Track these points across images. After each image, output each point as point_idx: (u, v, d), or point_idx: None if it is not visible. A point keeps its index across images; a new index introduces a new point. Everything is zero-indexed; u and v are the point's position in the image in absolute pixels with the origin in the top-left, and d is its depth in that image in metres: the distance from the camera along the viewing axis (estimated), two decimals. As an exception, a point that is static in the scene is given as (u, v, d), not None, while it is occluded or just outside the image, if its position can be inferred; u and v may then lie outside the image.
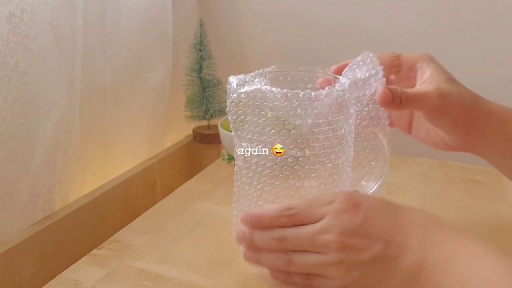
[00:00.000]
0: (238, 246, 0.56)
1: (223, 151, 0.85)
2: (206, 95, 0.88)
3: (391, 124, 0.56)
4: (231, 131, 0.77)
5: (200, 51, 0.87)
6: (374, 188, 0.53)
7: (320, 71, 0.54)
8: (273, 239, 0.43)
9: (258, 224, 0.45)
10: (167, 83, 0.84)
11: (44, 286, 0.50)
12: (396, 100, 0.45)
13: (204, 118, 0.89)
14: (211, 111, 0.89)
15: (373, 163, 0.54)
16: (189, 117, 0.90)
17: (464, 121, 0.48)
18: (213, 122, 0.91)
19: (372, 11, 0.91)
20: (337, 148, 0.47)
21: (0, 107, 0.52)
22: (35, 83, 0.55)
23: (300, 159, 0.46)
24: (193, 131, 0.91)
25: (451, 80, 0.49)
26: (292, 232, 0.43)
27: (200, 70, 0.88)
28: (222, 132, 0.78)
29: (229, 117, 0.49)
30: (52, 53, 0.57)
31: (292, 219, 0.43)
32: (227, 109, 0.48)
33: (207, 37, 0.87)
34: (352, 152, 0.51)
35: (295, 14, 0.96)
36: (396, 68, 0.53)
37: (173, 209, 0.66)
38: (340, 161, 0.48)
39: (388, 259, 0.40)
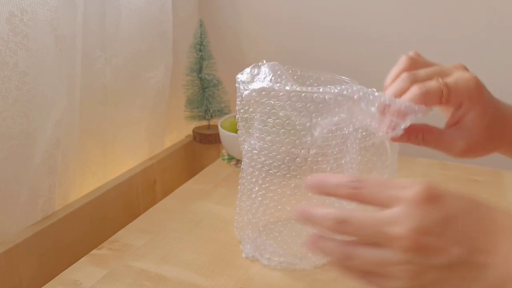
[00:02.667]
0: (238, 246, 0.56)
1: (223, 151, 0.85)
2: (206, 95, 0.88)
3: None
4: (231, 131, 0.77)
5: (200, 51, 0.87)
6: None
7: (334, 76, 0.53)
8: (334, 218, 0.36)
9: (318, 187, 0.38)
10: (167, 83, 0.84)
11: (44, 286, 0.50)
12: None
13: (204, 118, 0.89)
14: (211, 111, 0.89)
15: (374, 172, 0.53)
16: (189, 117, 0.90)
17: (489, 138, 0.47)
18: (213, 122, 0.91)
19: (371, 13, 0.91)
20: (343, 148, 0.47)
21: (0, 107, 0.52)
22: (35, 83, 0.55)
23: (309, 159, 0.46)
24: (193, 131, 0.91)
25: (489, 127, 0.47)
26: (358, 216, 0.35)
27: (200, 70, 0.88)
28: (222, 132, 0.78)
29: (238, 114, 0.48)
30: (52, 53, 0.57)
31: (356, 193, 0.36)
32: (237, 107, 0.48)
33: (207, 37, 0.87)
34: (356, 154, 0.50)
35: (295, 15, 0.96)
36: (444, 101, 0.46)
37: (173, 209, 0.66)
38: (343, 161, 0.48)
39: (472, 267, 0.34)
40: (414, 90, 0.45)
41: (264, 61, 0.47)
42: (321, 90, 0.45)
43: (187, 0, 0.95)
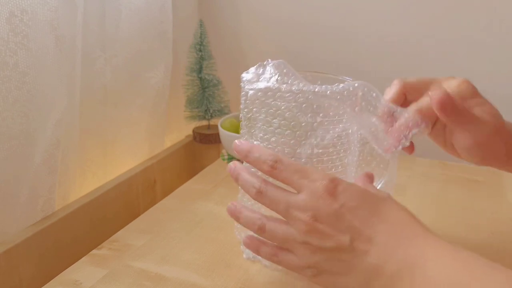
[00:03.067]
0: (238, 246, 0.56)
1: (223, 151, 0.85)
2: (206, 95, 0.88)
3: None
4: (231, 131, 0.77)
5: (200, 51, 0.87)
6: (378, 187, 0.53)
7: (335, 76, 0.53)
8: (254, 187, 0.44)
9: (243, 154, 0.46)
10: (167, 83, 0.84)
11: (44, 286, 0.50)
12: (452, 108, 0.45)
13: (204, 118, 0.89)
14: (211, 111, 0.89)
15: (374, 163, 0.53)
16: (189, 117, 0.90)
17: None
18: (213, 122, 0.91)
19: (371, 13, 0.91)
20: (345, 146, 0.47)
21: (0, 107, 0.52)
22: (35, 83, 0.55)
23: (314, 160, 0.46)
24: (193, 131, 0.91)
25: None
26: (273, 190, 0.43)
27: (200, 70, 0.88)
28: (222, 132, 0.78)
29: (241, 114, 0.48)
30: (52, 53, 0.57)
31: (274, 172, 0.43)
32: (241, 105, 0.48)
33: (207, 37, 0.87)
34: (357, 154, 0.50)
35: (295, 15, 0.96)
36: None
37: (173, 209, 0.66)
38: (346, 160, 0.48)
39: (354, 253, 0.40)
40: (412, 105, 0.48)
41: (270, 60, 0.47)
42: (326, 89, 0.45)
43: (187, 0, 0.95)
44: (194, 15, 0.99)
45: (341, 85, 0.45)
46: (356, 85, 0.46)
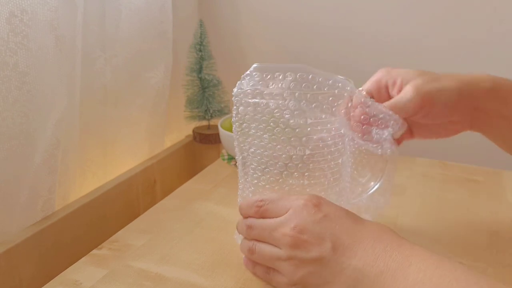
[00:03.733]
0: (238, 246, 0.56)
1: (223, 151, 0.85)
2: (206, 95, 0.88)
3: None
4: (231, 131, 0.77)
5: (200, 51, 0.87)
6: (375, 187, 0.53)
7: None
8: (245, 225, 0.48)
9: (240, 211, 0.49)
10: (167, 83, 0.84)
11: (44, 286, 0.50)
12: None
13: (204, 118, 0.89)
14: (211, 111, 0.89)
15: (370, 175, 0.54)
16: (189, 117, 0.90)
17: (453, 109, 0.50)
18: (213, 122, 0.91)
19: (371, 13, 0.91)
20: (339, 147, 0.47)
21: (0, 107, 0.52)
22: (35, 83, 0.55)
23: (304, 157, 0.46)
24: (193, 131, 0.91)
25: (420, 74, 0.51)
26: (259, 222, 0.46)
27: (200, 70, 0.88)
28: (222, 132, 0.78)
29: (233, 114, 0.49)
30: (52, 53, 0.57)
31: (260, 210, 0.46)
32: (234, 106, 0.49)
33: (207, 37, 0.87)
34: (351, 155, 0.51)
35: (295, 15, 0.96)
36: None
37: (173, 209, 0.66)
38: (340, 161, 0.48)
39: (336, 261, 0.41)
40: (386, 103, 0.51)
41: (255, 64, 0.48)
42: (314, 87, 0.45)
43: (187, 0, 0.95)
44: (194, 15, 0.99)
45: (330, 82, 0.46)
46: (339, 85, 0.46)
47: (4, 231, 0.56)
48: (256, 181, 0.49)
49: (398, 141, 0.53)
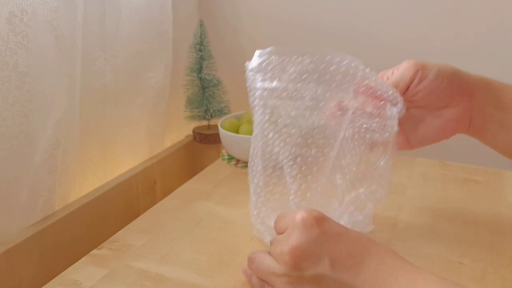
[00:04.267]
0: (238, 246, 0.56)
1: (223, 151, 0.85)
2: (206, 95, 0.88)
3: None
4: (231, 131, 0.77)
5: (200, 51, 0.87)
6: (382, 162, 0.52)
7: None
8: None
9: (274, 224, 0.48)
10: (167, 83, 0.84)
11: (44, 286, 0.50)
12: None
13: (204, 118, 0.89)
14: (211, 111, 0.89)
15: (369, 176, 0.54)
16: (189, 117, 0.90)
17: (447, 84, 0.50)
18: (213, 122, 0.91)
19: (372, 13, 0.91)
20: (344, 148, 0.48)
21: (0, 107, 0.52)
22: (35, 83, 0.55)
23: (309, 158, 0.46)
24: (193, 131, 0.91)
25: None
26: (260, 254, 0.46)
27: (200, 70, 0.88)
28: (222, 132, 0.78)
29: (251, 109, 0.48)
30: (52, 53, 0.57)
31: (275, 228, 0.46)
32: (249, 100, 0.48)
33: (207, 37, 0.87)
34: (354, 157, 0.51)
35: (295, 15, 0.96)
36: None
37: (173, 209, 0.66)
38: (343, 162, 0.48)
39: (336, 280, 0.39)
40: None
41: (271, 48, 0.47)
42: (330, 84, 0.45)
43: (187, 0, 0.95)
44: (194, 15, 0.99)
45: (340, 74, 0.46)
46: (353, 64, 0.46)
47: (4, 231, 0.56)
48: (292, 179, 0.48)
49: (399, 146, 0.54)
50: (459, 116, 0.52)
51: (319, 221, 0.42)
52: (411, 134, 0.55)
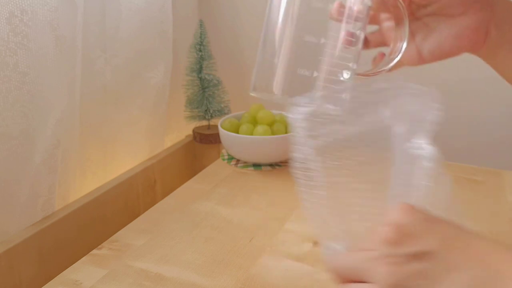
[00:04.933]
0: (238, 246, 0.56)
1: (223, 151, 0.85)
2: (206, 95, 0.88)
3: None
4: (231, 131, 0.77)
5: (200, 51, 0.87)
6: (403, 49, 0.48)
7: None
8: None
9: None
10: (167, 83, 0.84)
11: (44, 286, 0.50)
12: None
13: (204, 118, 0.89)
14: (211, 111, 0.89)
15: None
16: (189, 117, 0.90)
17: None
18: (213, 122, 0.91)
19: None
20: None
21: (0, 107, 0.52)
22: (35, 83, 0.55)
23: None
24: (193, 131, 0.91)
25: None
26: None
27: (200, 70, 0.88)
28: (222, 132, 0.78)
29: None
30: (52, 53, 0.57)
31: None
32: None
33: (207, 37, 0.87)
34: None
35: (295, 14, 0.96)
36: None
37: (173, 209, 0.66)
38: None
39: (449, 260, 0.33)
40: None
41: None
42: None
43: (187, 0, 0.95)
44: (194, 15, 0.99)
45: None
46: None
47: (4, 231, 0.56)
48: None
49: (405, 61, 0.49)
50: (477, 26, 0.47)
51: (420, 210, 0.36)
52: (423, 44, 0.49)
